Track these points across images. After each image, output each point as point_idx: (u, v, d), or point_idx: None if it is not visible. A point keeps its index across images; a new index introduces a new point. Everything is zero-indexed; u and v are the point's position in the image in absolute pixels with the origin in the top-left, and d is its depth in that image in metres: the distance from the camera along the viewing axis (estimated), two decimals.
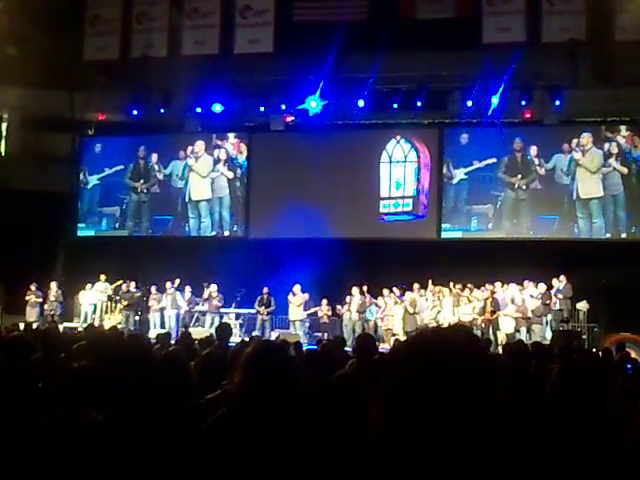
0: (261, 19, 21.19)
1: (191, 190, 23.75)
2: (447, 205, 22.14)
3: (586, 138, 21.32)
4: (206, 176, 23.67)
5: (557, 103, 20.93)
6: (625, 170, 21.07)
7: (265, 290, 20.73)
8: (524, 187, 21.63)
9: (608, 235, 21.03)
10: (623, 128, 21.22)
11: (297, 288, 20.62)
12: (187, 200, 23.72)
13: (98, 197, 24.35)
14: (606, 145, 21.25)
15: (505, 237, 21.45)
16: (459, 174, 22.08)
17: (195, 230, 23.69)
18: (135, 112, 22.79)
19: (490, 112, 21.24)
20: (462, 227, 21.90)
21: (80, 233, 24.15)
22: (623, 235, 20.96)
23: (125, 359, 4.32)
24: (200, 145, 23.71)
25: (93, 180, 24.44)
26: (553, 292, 19.47)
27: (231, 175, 23.65)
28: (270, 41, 21.02)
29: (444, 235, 21.97)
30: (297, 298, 20.67)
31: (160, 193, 24.01)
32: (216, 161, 23.67)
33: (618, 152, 21.16)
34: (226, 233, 23.52)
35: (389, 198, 22.32)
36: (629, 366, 10.25)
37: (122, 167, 24.18)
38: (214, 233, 23.66)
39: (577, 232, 21.20)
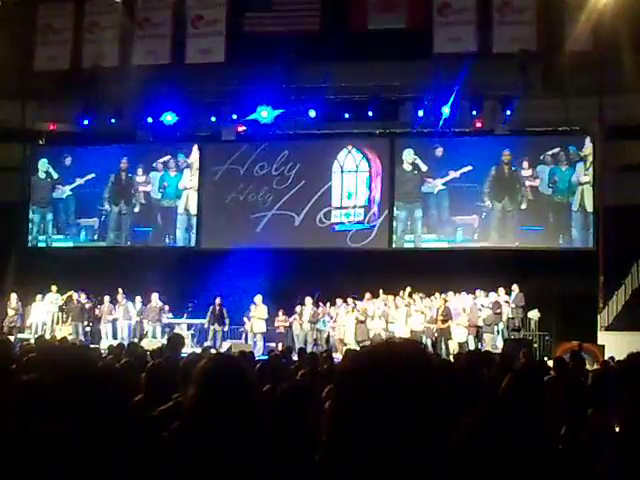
0: (213, 29, 21.18)
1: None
2: (431, 216, 21.88)
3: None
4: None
5: (508, 113, 21.04)
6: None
7: (217, 301, 20.35)
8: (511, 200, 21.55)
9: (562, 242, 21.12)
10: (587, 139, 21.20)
11: (258, 299, 20.26)
12: (180, 212, 23.33)
13: (74, 207, 23.91)
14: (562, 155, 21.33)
15: (489, 246, 21.26)
16: (438, 184, 21.84)
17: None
18: (86, 122, 22.63)
19: (441, 122, 21.32)
20: (448, 238, 21.68)
21: (56, 244, 23.82)
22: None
23: (71, 371, 4.25)
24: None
25: (66, 191, 24.07)
26: (504, 301, 19.51)
27: (183, 186, 23.44)
28: (222, 51, 21.02)
29: (426, 245, 21.74)
30: (259, 309, 20.28)
31: (136, 205, 23.70)
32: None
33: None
34: (179, 243, 23.30)
35: (341, 208, 22.28)
36: None
37: (94, 176, 23.72)
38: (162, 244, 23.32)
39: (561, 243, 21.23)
